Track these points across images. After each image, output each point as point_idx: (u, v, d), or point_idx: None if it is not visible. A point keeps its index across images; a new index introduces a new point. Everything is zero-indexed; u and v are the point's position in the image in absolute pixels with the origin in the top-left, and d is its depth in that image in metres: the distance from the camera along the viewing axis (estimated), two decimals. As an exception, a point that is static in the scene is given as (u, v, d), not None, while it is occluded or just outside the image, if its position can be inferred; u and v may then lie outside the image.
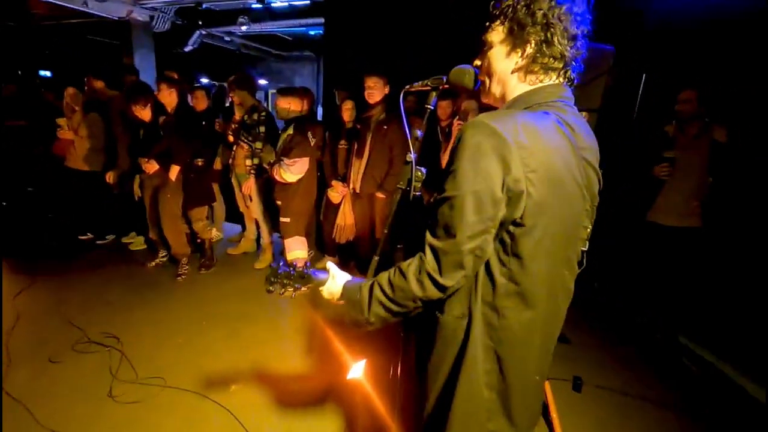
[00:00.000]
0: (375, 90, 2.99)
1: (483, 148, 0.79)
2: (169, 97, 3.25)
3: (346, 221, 3.42)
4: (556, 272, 0.92)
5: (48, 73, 8.21)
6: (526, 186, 0.79)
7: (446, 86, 1.11)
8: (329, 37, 4.76)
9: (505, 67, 0.92)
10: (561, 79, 0.92)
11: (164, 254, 3.70)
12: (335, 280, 1.06)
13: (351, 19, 4.44)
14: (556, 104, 0.90)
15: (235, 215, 4.30)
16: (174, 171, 3.23)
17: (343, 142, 3.35)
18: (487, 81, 0.97)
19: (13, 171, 4.60)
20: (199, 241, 3.68)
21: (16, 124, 4.58)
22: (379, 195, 3.08)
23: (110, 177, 3.81)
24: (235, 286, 3.41)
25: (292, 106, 3.08)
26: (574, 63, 0.91)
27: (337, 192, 3.34)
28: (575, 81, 0.95)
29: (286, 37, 8.25)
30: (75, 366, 2.26)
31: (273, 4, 5.84)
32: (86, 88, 4.02)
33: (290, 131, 3.02)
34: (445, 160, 2.87)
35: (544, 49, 0.87)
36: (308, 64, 9.19)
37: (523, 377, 0.94)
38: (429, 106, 1.16)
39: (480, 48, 0.97)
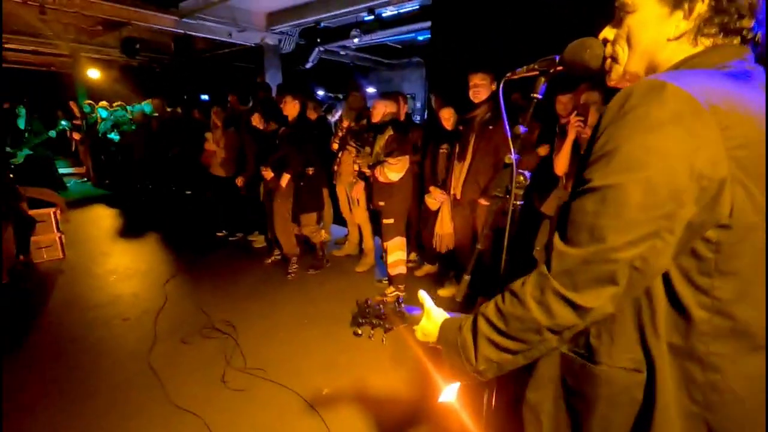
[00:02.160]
0: (481, 88, 2.77)
1: (657, 116, 0.55)
2: (293, 109, 3.52)
3: (444, 229, 3.25)
4: None
5: (206, 97, 9.94)
6: (732, 169, 0.54)
7: (560, 68, 0.88)
8: (434, 39, 4.67)
9: (657, 34, 0.67)
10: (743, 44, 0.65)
11: (278, 253, 4.05)
12: (431, 318, 0.87)
13: (457, 20, 4.28)
14: (745, 64, 0.63)
15: (341, 219, 4.50)
16: (284, 179, 3.50)
17: (444, 146, 3.20)
18: (623, 56, 0.72)
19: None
20: (311, 243, 3.93)
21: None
22: (482, 201, 2.84)
23: (239, 181, 4.35)
24: (336, 287, 3.53)
25: (388, 108, 3.09)
26: (762, 28, 0.64)
27: (434, 198, 3.21)
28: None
29: (396, 45, 8.45)
30: (200, 349, 2.57)
31: (383, 14, 6.00)
32: (228, 105, 4.70)
33: (390, 132, 3.02)
34: (561, 163, 2.48)
35: (725, 3, 0.61)
36: (416, 70, 9.27)
37: None
38: (536, 95, 0.93)
39: (615, 14, 0.72)
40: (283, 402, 2.11)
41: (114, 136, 7.09)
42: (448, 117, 3.19)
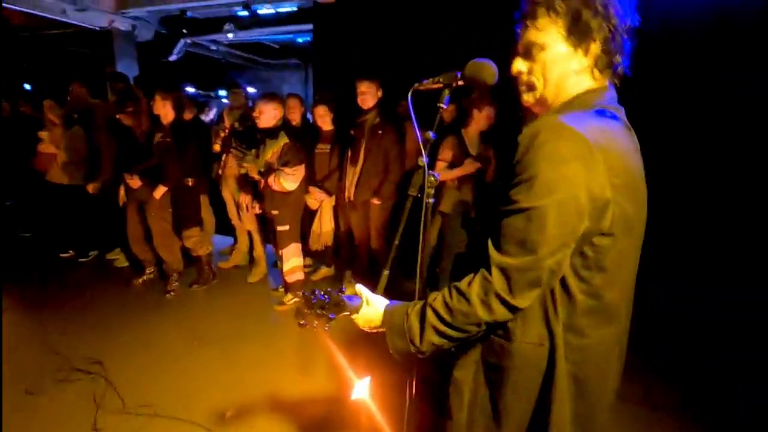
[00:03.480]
0: (368, 95, 2.90)
1: (562, 152, 0.71)
2: (163, 109, 3.08)
3: (322, 228, 3.31)
4: (632, 282, 0.88)
5: (27, 86, 7.97)
6: (612, 193, 0.73)
7: (461, 83, 1.01)
8: (318, 43, 4.68)
9: (566, 68, 0.82)
10: (612, 79, 0.85)
11: (151, 270, 3.53)
12: (372, 305, 0.96)
13: (340, 24, 4.37)
14: (613, 105, 0.84)
15: (224, 227, 4.14)
16: (159, 191, 3.09)
17: (321, 146, 3.24)
18: (539, 85, 0.86)
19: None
20: (193, 255, 3.51)
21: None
22: (375, 201, 2.97)
23: (92, 188, 3.64)
24: (228, 302, 3.26)
25: (278, 112, 2.94)
26: (626, 61, 0.84)
27: (314, 198, 3.23)
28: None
29: (273, 45, 8.15)
30: (56, 397, 2.09)
31: (259, 11, 5.73)
32: (69, 97, 3.86)
33: (285, 140, 2.90)
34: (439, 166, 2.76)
35: (610, 45, 0.80)
36: (296, 71, 9.10)
37: (603, 398, 0.88)
38: (441, 105, 1.05)
39: (520, 51, 0.87)
40: (180, 437, 1.87)
41: None
42: (322, 114, 3.23)
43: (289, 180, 2.86)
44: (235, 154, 3.38)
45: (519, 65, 0.88)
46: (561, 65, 0.83)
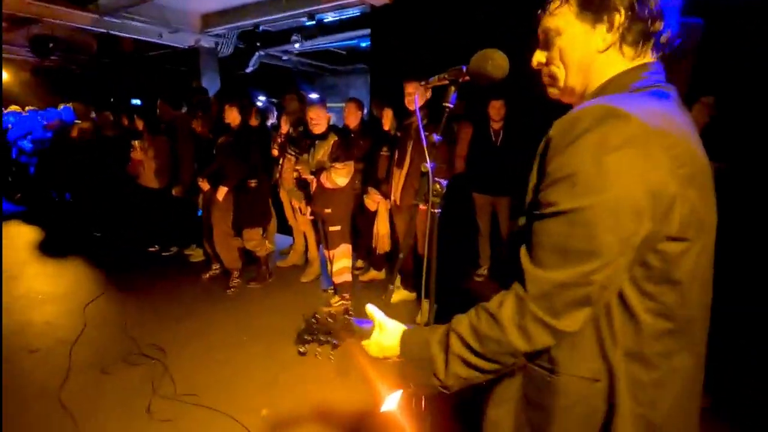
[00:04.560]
0: (415, 95, 2.81)
1: (611, 140, 0.57)
2: (231, 115, 3.34)
3: (379, 231, 3.29)
4: (708, 297, 0.70)
5: (138, 101, 9.26)
6: (678, 187, 0.59)
7: (467, 78, 0.90)
8: (375, 46, 4.70)
9: (588, 49, 0.71)
10: (655, 54, 0.71)
11: (217, 266, 3.82)
12: (386, 331, 0.84)
13: (395, 26, 4.34)
14: (661, 84, 0.69)
15: (286, 227, 4.35)
16: (221, 192, 3.31)
17: (384, 148, 3.22)
18: (560, 73, 0.76)
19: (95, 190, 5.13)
20: (254, 255, 3.74)
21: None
22: (422, 206, 2.86)
23: (175, 191, 4.07)
24: (280, 300, 3.40)
25: (327, 115, 3.04)
26: (671, 27, 0.69)
27: (372, 199, 3.22)
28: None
29: (340, 51, 8.41)
30: (123, 378, 2.34)
31: (324, 20, 5.94)
32: (157, 110, 4.38)
33: (334, 138, 2.98)
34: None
35: (641, 11, 0.66)
36: (361, 76, 9.28)
37: None
38: (447, 104, 0.94)
39: (540, 41, 0.78)
40: (216, 429, 1.96)
41: (26, 144, 6.34)
42: (389, 117, 3.25)
43: (340, 175, 2.92)
44: (289, 158, 3.52)
45: (538, 56, 0.79)
46: (580, 47, 0.72)
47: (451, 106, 0.95)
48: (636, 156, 0.57)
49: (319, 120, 2.98)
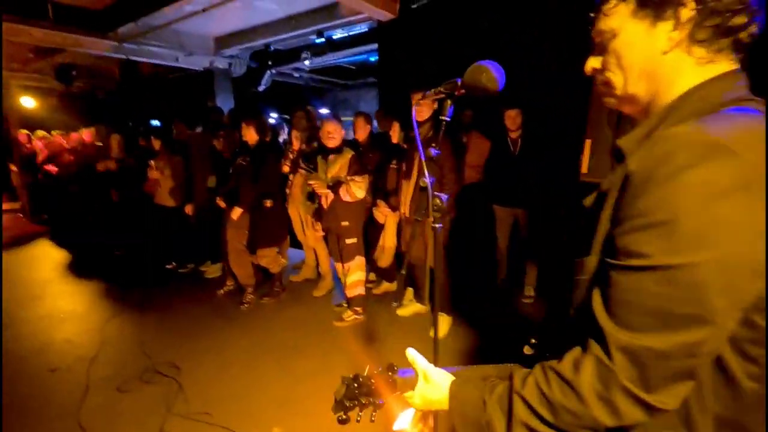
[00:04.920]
0: (423, 107, 2.81)
1: (719, 181, 0.47)
2: (249, 134, 3.40)
3: (385, 243, 3.28)
4: None
5: (158, 123, 9.59)
6: None
7: (462, 91, 0.89)
8: (383, 60, 4.76)
9: (650, 51, 0.61)
10: (735, 55, 0.60)
11: (232, 282, 3.86)
12: (431, 382, 0.76)
13: (402, 41, 4.40)
14: (753, 100, 0.58)
15: (298, 240, 4.38)
16: (236, 212, 3.36)
17: (394, 162, 3.23)
18: (618, 80, 0.66)
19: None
20: (268, 271, 3.76)
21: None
22: (425, 219, 2.85)
23: (189, 209, 4.15)
24: (293, 315, 3.40)
25: (342, 131, 3.11)
26: (759, 20, 0.58)
27: (380, 212, 3.22)
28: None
29: (350, 66, 8.55)
30: (138, 397, 2.36)
31: (333, 36, 6.07)
32: (174, 131, 4.52)
33: (350, 153, 3.06)
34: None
35: (712, 3, 0.56)
36: (372, 89, 9.40)
37: None
38: (444, 118, 0.94)
39: (594, 46, 0.69)
40: (229, 448, 1.96)
41: (51, 167, 6.62)
42: (397, 130, 3.28)
43: (359, 187, 3.01)
44: (301, 174, 3.56)
45: (592, 62, 0.70)
46: (641, 48, 0.62)
47: (448, 119, 0.95)
48: (751, 203, 0.47)
49: (335, 134, 3.04)
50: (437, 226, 0.97)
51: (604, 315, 0.55)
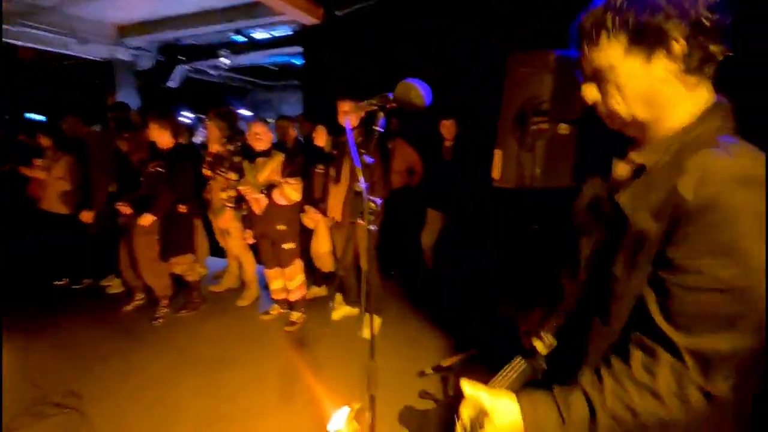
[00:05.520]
0: (350, 114, 2.89)
1: (755, 207, 0.58)
2: (159, 136, 3.09)
3: (320, 249, 3.30)
4: None
5: (42, 117, 8.23)
6: None
7: (393, 105, 0.97)
8: (307, 64, 4.74)
9: (649, 80, 0.68)
10: (709, 78, 0.69)
11: (141, 297, 3.51)
12: (500, 413, 0.71)
13: (328, 46, 4.43)
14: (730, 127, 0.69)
15: (218, 249, 4.13)
16: (147, 220, 3.06)
17: (320, 166, 3.24)
18: (621, 107, 0.72)
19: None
20: (184, 280, 3.49)
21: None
22: (360, 222, 2.92)
23: (86, 216, 3.66)
24: (216, 327, 3.21)
25: (270, 134, 3.02)
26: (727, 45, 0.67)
27: (309, 218, 3.22)
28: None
29: (272, 67, 8.31)
30: (29, 434, 2.04)
31: (253, 35, 5.86)
32: (64, 126, 3.95)
33: (280, 155, 2.99)
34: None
35: (697, 38, 0.64)
36: (295, 92, 9.24)
37: None
38: (377, 128, 1.02)
39: (586, 74, 0.74)
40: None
41: None
42: (320, 134, 3.30)
43: (295, 189, 2.95)
44: (216, 179, 3.37)
45: (590, 93, 0.75)
46: (641, 79, 0.69)
47: (381, 130, 1.02)
48: None
49: (263, 135, 2.94)
50: (372, 228, 1.04)
51: (664, 322, 0.64)
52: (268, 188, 2.95)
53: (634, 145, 0.77)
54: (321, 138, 3.30)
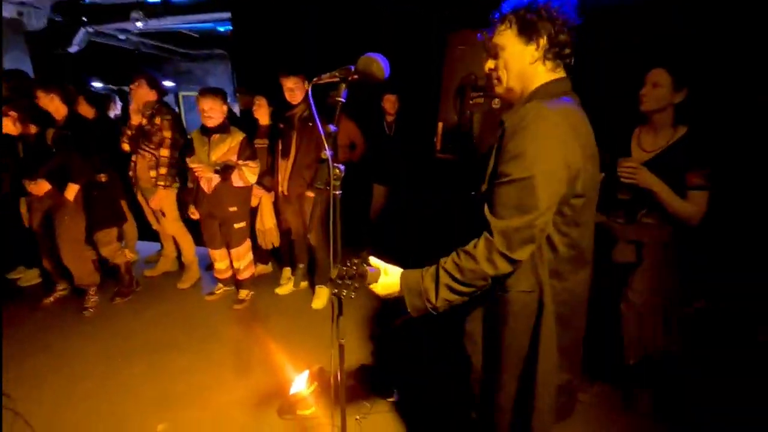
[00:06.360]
0: (296, 90, 2.83)
1: (545, 131, 0.89)
2: (51, 105, 2.77)
3: (265, 225, 3.27)
4: (592, 232, 1.07)
5: None
6: (584, 162, 0.92)
7: (355, 77, 1.03)
8: (237, 33, 4.45)
9: (523, 61, 1.01)
10: (563, 66, 1.03)
11: (64, 286, 3.20)
12: (389, 273, 1.07)
13: (260, 12, 4.19)
14: (570, 93, 1.02)
15: (148, 232, 3.86)
16: (71, 190, 2.77)
17: (258, 141, 3.15)
18: (504, 77, 1.05)
19: None
20: (110, 265, 3.23)
21: None
22: (309, 194, 2.94)
23: None
24: (157, 311, 3.06)
25: (224, 108, 2.85)
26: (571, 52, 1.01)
27: (253, 194, 3.17)
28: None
29: (193, 34, 7.60)
30: (-52, 440, 1.84)
31: (171, -2, 5.31)
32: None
33: (241, 135, 2.87)
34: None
35: (554, 38, 0.97)
36: (221, 62, 8.58)
37: (580, 330, 1.11)
38: (340, 99, 1.07)
39: (490, 52, 1.07)
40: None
41: None
42: (261, 107, 3.17)
43: (253, 172, 2.90)
44: (143, 156, 3.12)
45: (489, 64, 1.08)
46: (519, 59, 1.01)
47: (343, 100, 1.08)
48: (561, 143, 0.89)
49: (212, 112, 2.75)
50: (338, 193, 1.11)
51: (489, 214, 0.94)
52: (224, 168, 2.82)
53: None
54: (263, 111, 3.18)
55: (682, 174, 1.62)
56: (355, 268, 1.05)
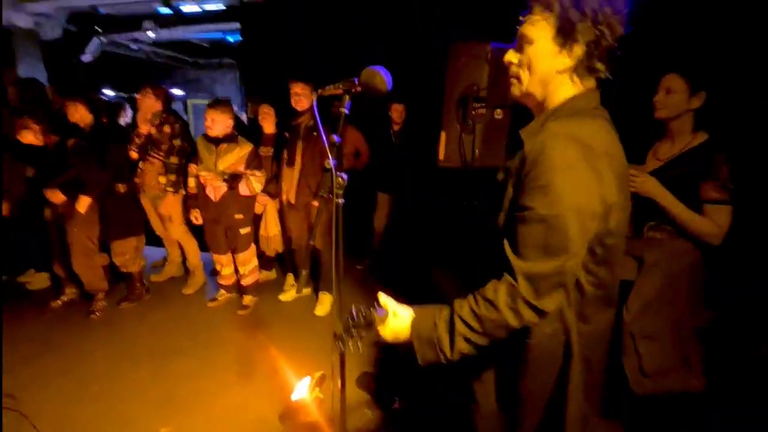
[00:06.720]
0: (302, 96, 2.89)
1: (574, 160, 0.74)
2: (76, 113, 2.86)
3: (269, 232, 3.31)
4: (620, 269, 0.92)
5: None
6: (617, 196, 0.78)
7: (358, 89, 1.06)
8: (246, 43, 4.55)
9: (550, 66, 0.84)
10: (595, 81, 0.87)
11: (73, 291, 3.25)
12: (399, 317, 0.95)
13: (269, 23, 4.29)
14: (599, 109, 0.87)
15: (155, 238, 3.92)
16: (84, 203, 2.83)
17: (263, 149, 3.21)
18: (525, 78, 0.88)
19: None
20: (123, 272, 3.27)
21: None
22: (315, 203, 2.98)
23: (5, 209, 3.25)
24: (162, 316, 3.10)
25: (230, 120, 2.91)
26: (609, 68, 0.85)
27: (258, 201, 3.22)
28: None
29: (203, 43, 7.77)
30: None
31: (182, 7, 5.44)
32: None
33: (249, 145, 2.95)
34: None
35: (593, 49, 0.80)
36: (229, 71, 8.73)
37: (599, 371, 0.97)
38: (344, 110, 1.10)
39: (517, 41, 0.88)
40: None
41: None
42: (267, 115, 3.22)
43: (259, 182, 2.97)
44: (152, 162, 3.18)
45: (510, 56, 0.90)
46: (546, 62, 0.84)
47: (347, 112, 1.11)
48: (593, 173, 0.74)
49: (214, 124, 2.82)
50: (341, 201, 1.13)
51: (511, 253, 0.81)
52: (232, 177, 2.89)
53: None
54: (269, 120, 3.24)
55: (699, 185, 1.45)
56: (363, 317, 0.98)
